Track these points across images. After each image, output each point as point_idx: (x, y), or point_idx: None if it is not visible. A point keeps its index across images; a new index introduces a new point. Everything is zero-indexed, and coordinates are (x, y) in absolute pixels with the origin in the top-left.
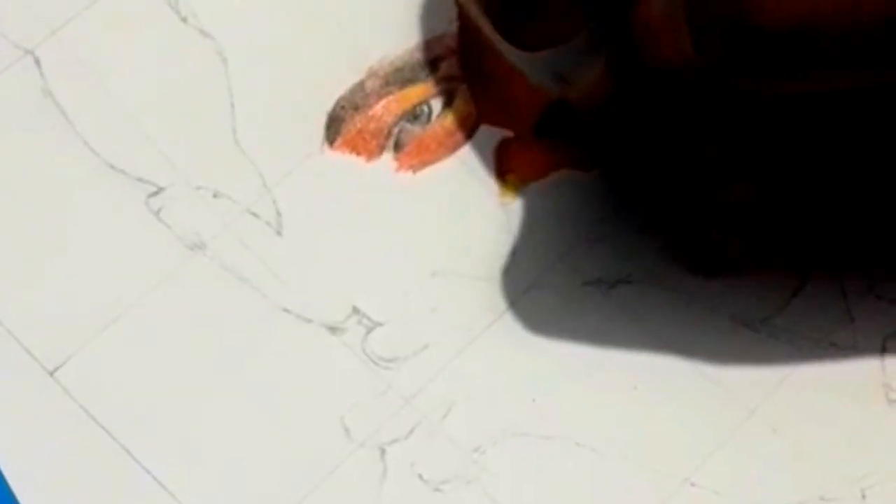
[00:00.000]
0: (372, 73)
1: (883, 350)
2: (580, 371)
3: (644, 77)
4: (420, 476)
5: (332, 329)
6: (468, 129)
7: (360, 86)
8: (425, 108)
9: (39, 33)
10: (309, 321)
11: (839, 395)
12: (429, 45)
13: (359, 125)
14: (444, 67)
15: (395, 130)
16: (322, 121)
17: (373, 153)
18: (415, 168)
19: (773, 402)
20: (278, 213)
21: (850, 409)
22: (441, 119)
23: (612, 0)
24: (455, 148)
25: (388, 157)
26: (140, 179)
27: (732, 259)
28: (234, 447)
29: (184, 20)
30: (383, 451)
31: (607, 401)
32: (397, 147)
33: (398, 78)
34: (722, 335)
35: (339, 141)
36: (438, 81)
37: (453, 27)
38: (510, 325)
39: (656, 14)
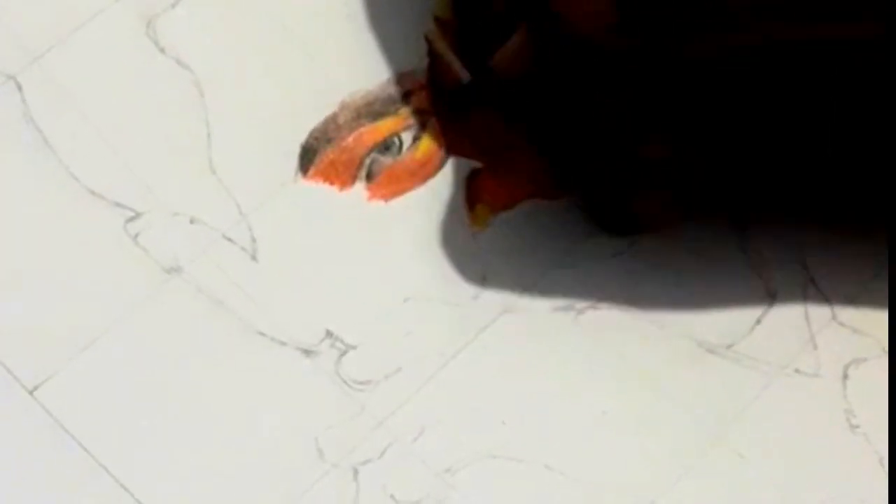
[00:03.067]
0: (344, 107)
1: (845, 376)
2: (550, 395)
3: (563, 44)
4: (392, 496)
5: (306, 352)
6: (438, 161)
7: (333, 118)
8: (396, 140)
9: (22, 60)
10: (283, 344)
11: (803, 421)
12: (399, 79)
13: (331, 156)
14: (415, 101)
15: (367, 161)
16: (296, 151)
17: (345, 183)
18: (386, 197)
19: (739, 427)
20: (254, 239)
21: (813, 435)
22: (412, 150)
23: None
24: (425, 178)
25: (360, 187)
26: (118, 204)
27: (649, 217)
28: (210, 466)
29: (162, 51)
30: (356, 472)
31: (576, 425)
32: (369, 177)
33: (370, 111)
34: (689, 361)
35: (312, 171)
36: (409, 115)
37: (423, 63)
38: (481, 350)
39: None
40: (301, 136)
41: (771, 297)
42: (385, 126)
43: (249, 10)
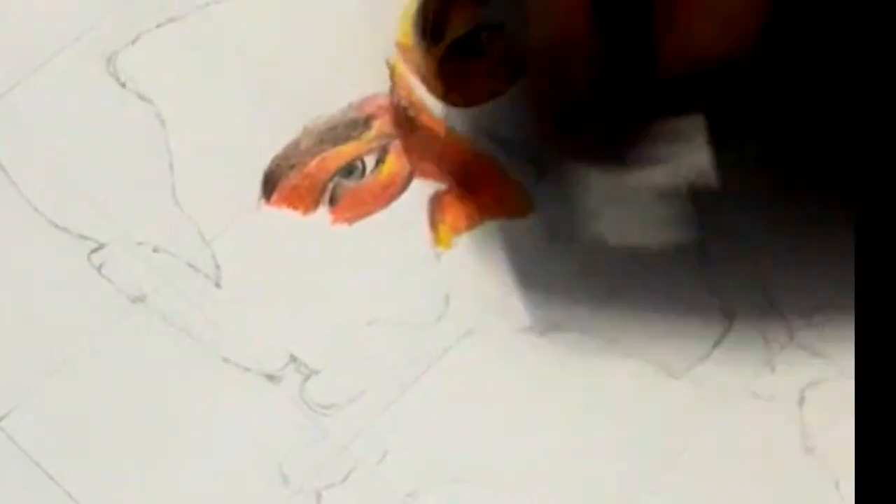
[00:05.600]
0: (307, 132)
1: (801, 399)
2: (511, 417)
3: None
4: None
5: (270, 377)
6: (401, 183)
7: (296, 144)
8: (359, 164)
9: None
10: (247, 370)
11: (759, 443)
12: (361, 104)
13: (294, 181)
14: (377, 126)
15: (330, 185)
16: (258, 178)
17: (309, 207)
18: (350, 221)
19: (697, 448)
20: (217, 266)
21: (769, 456)
22: (375, 174)
23: None
24: (389, 201)
25: (323, 211)
26: (82, 236)
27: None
28: (175, 493)
29: (123, 85)
30: (319, 496)
31: (535, 445)
32: (332, 201)
33: (332, 136)
34: (648, 383)
35: (275, 196)
36: (371, 139)
37: (385, 87)
38: (445, 372)
39: None
40: (264, 163)
41: (729, 320)
42: (347, 150)
43: (208, 40)
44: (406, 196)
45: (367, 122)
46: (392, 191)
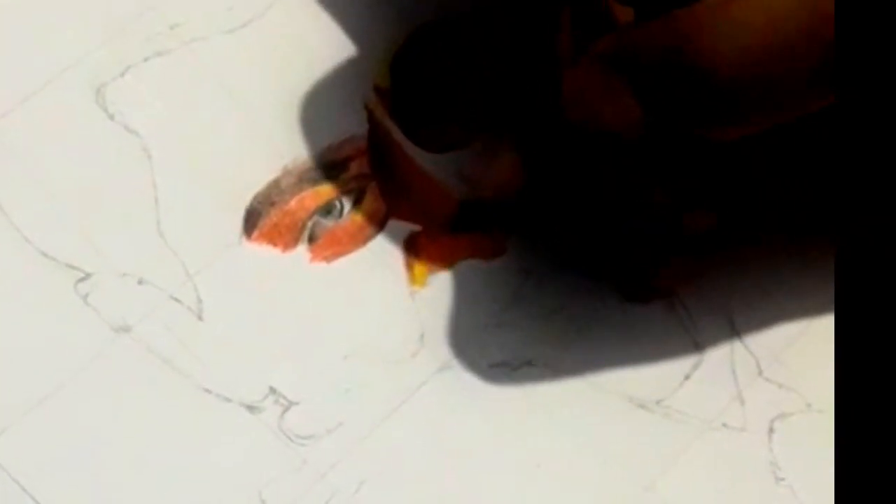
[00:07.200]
0: (287, 172)
1: (770, 430)
2: (485, 449)
3: (575, 147)
4: None
5: (251, 408)
6: (378, 223)
7: (276, 183)
8: (337, 204)
9: None
10: (228, 400)
11: (730, 474)
12: (340, 146)
13: (275, 219)
14: (355, 167)
15: (310, 224)
16: (240, 215)
17: (288, 245)
18: (328, 259)
19: (668, 478)
20: (199, 300)
21: (740, 487)
22: (352, 214)
23: (525, 79)
24: (366, 240)
25: (302, 249)
26: (69, 266)
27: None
28: None
29: (111, 117)
30: None
31: (511, 479)
32: (311, 239)
33: (311, 176)
34: (618, 416)
35: (255, 233)
36: (349, 180)
37: (363, 129)
38: (420, 405)
39: (593, 79)
40: (245, 200)
41: (699, 353)
42: (326, 190)
43: (195, 79)
44: (382, 236)
45: (344, 163)
46: (369, 231)
